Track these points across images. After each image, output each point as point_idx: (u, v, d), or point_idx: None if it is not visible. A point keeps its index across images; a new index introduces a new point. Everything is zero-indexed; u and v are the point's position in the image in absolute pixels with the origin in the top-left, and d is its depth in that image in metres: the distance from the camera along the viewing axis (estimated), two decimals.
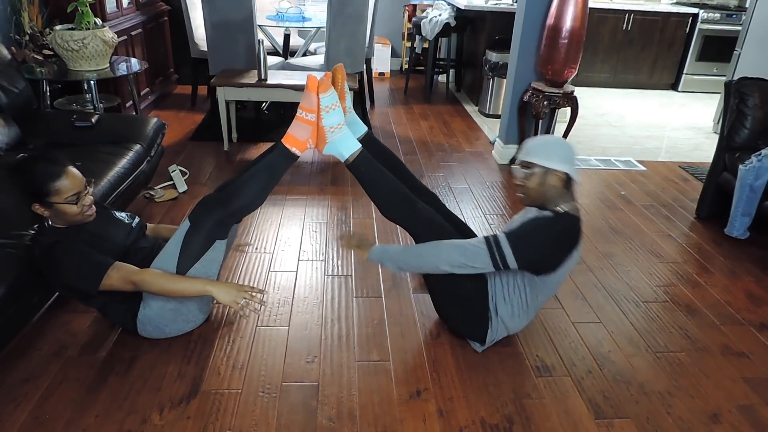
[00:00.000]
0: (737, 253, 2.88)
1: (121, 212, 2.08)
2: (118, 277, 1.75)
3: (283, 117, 4.61)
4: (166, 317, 1.95)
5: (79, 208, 1.79)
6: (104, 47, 3.31)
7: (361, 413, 1.77)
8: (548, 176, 1.79)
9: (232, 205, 1.88)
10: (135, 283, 1.75)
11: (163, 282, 1.78)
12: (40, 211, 1.76)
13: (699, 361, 2.09)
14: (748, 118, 2.95)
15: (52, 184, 1.72)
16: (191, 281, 1.83)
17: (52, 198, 1.73)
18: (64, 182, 1.74)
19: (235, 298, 1.81)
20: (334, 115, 1.90)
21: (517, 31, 3.70)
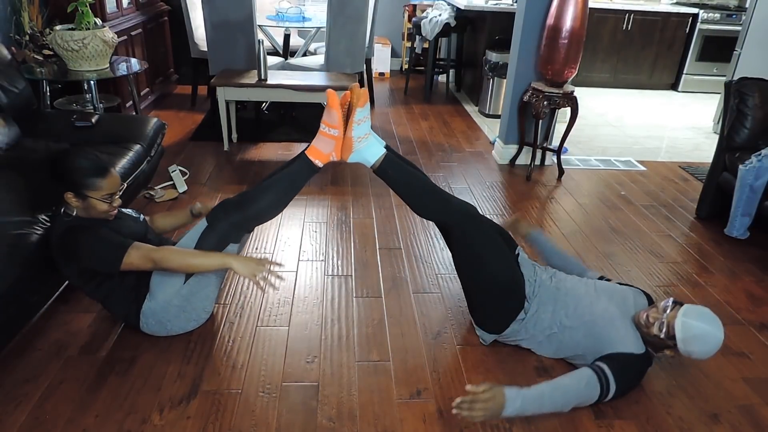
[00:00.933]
0: (737, 253, 2.88)
1: (127, 209, 2.12)
2: (139, 254, 1.78)
3: (283, 117, 4.61)
4: (171, 312, 1.95)
5: (108, 207, 1.84)
6: (104, 47, 3.31)
7: (361, 413, 1.77)
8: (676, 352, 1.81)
9: (249, 210, 1.92)
10: (155, 261, 1.78)
11: (182, 257, 1.81)
12: (72, 200, 1.80)
13: (699, 361, 2.09)
14: (748, 118, 2.95)
15: (96, 180, 1.79)
16: (210, 255, 1.86)
17: (90, 192, 1.79)
18: (106, 181, 1.82)
19: (254, 272, 1.83)
20: (363, 127, 1.94)
21: (517, 31, 3.70)
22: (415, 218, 3.05)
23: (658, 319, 1.79)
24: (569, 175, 3.77)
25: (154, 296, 1.93)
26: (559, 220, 3.16)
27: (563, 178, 3.73)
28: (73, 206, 1.82)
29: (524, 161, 3.89)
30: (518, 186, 3.58)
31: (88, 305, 2.21)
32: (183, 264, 1.82)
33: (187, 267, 1.84)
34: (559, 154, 3.75)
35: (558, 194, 3.50)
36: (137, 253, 1.78)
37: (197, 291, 1.98)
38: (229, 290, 2.35)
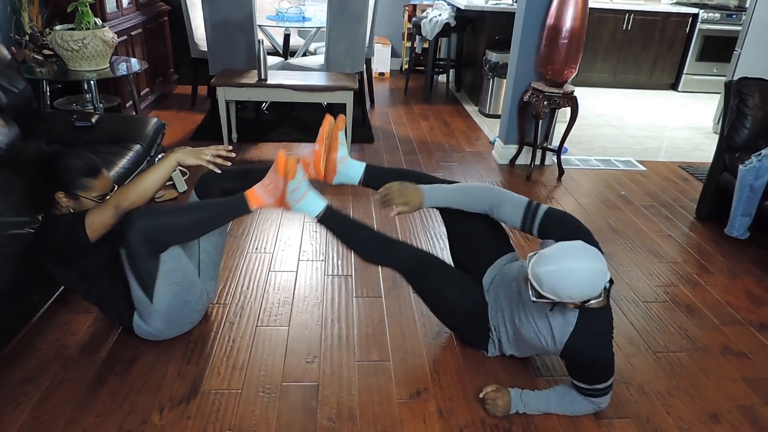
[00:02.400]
0: (737, 253, 2.88)
1: None
2: (97, 212, 1.74)
3: (283, 117, 4.61)
4: (158, 326, 1.94)
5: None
6: (104, 47, 3.31)
7: (361, 413, 1.77)
8: (559, 305, 1.61)
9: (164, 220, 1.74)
10: (114, 206, 1.74)
11: (134, 186, 1.78)
12: (63, 200, 1.79)
13: (699, 361, 2.09)
14: (748, 118, 2.95)
15: (88, 180, 1.80)
16: (157, 167, 1.82)
17: (82, 192, 1.79)
18: (98, 181, 1.82)
19: (198, 155, 1.84)
20: (298, 192, 1.83)
21: (517, 31, 3.70)
22: (415, 218, 3.05)
23: (527, 283, 1.60)
24: (569, 175, 3.77)
25: (137, 309, 1.90)
26: None
27: (563, 178, 3.73)
28: (64, 206, 1.80)
29: (524, 161, 3.89)
30: (518, 186, 3.58)
31: (88, 305, 2.20)
32: (138, 190, 1.77)
33: (144, 190, 1.78)
34: (559, 154, 3.75)
35: (558, 194, 3.50)
36: (94, 212, 1.74)
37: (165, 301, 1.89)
38: (229, 290, 2.35)
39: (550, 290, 1.52)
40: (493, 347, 1.99)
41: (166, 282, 1.83)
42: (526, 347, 1.86)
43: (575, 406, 1.78)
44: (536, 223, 1.80)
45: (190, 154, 1.85)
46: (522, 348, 1.89)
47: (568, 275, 1.49)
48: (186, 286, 1.91)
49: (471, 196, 1.87)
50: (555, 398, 1.79)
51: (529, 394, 1.79)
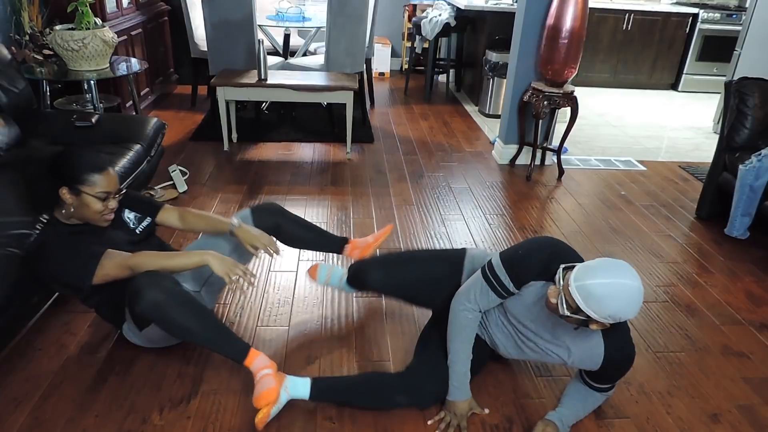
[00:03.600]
0: (737, 253, 2.88)
1: (131, 212, 1.98)
2: (113, 264, 1.69)
3: (283, 117, 4.61)
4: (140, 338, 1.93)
5: (102, 207, 1.76)
6: (104, 47, 3.30)
7: (361, 413, 1.77)
8: (591, 323, 1.48)
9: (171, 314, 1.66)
10: (131, 267, 1.70)
11: (158, 260, 1.73)
12: (66, 196, 1.74)
13: (699, 361, 2.09)
14: (748, 118, 2.95)
15: (92, 175, 1.73)
16: (188, 255, 1.79)
17: (85, 187, 1.73)
18: (102, 177, 1.75)
19: (228, 272, 1.74)
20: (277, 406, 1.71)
21: (517, 31, 3.70)
22: (415, 218, 3.05)
23: (556, 297, 1.49)
24: (569, 175, 3.77)
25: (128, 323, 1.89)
26: (559, 220, 3.16)
27: (563, 178, 3.73)
28: (68, 203, 1.75)
29: (524, 161, 3.89)
30: (518, 186, 3.58)
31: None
32: (160, 267, 1.72)
33: (165, 270, 1.74)
34: (559, 154, 3.75)
35: (558, 194, 3.50)
36: (111, 262, 1.69)
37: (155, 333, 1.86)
38: (229, 290, 2.35)
39: (595, 305, 1.40)
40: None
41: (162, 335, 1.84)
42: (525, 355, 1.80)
43: (597, 403, 1.79)
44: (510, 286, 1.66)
45: (221, 265, 1.74)
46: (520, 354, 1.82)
47: (624, 294, 1.39)
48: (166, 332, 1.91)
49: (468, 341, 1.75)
50: (581, 406, 1.76)
51: (564, 412, 1.72)
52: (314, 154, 3.94)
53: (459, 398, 1.74)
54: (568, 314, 1.46)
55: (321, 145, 4.10)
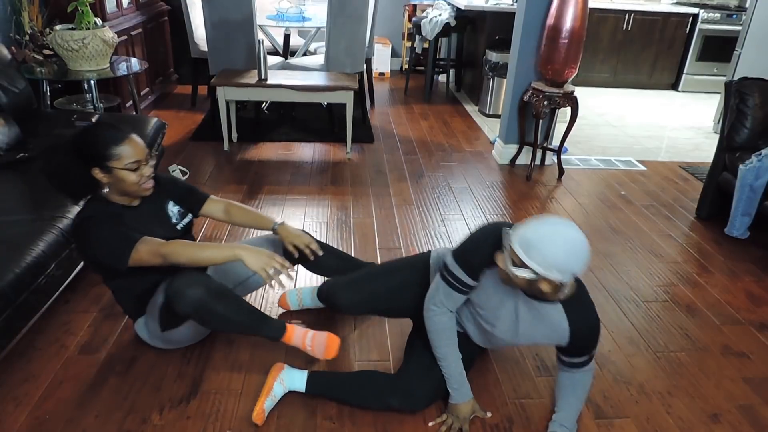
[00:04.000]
0: (737, 253, 2.88)
1: (176, 205, 1.95)
2: (147, 249, 1.67)
3: (283, 117, 4.60)
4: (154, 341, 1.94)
5: (137, 177, 1.72)
6: (104, 47, 3.30)
7: (361, 413, 1.77)
8: (540, 282, 1.43)
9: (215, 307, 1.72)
10: (163, 255, 1.67)
11: (191, 251, 1.70)
12: (99, 176, 1.70)
13: (699, 361, 2.09)
14: (748, 118, 2.95)
15: (115, 148, 1.68)
16: (220, 248, 1.75)
17: (113, 162, 1.68)
18: (126, 147, 1.69)
19: (264, 266, 1.69)
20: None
21: (517, 31, 3.70)
22: (415, 218, 3.05)
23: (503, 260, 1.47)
24: (569, 175, 3.77)
25: (146, 321, 1.90)
26: None
27: (563, 178, 3.73)
28: (104, 183, 1.73)
29: (524, 161, 3.89)
30: (518, 186, 3.58)
31: (88, 305, 2.21)
32: (192, 258, 1.70)
33: (196, 261, 1.71)
34: (559, 153, 3.75)
35: (558, 194, 3.50)
36: (145, 247, 1.67)
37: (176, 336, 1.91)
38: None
39: (538, 255, 1.38)
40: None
41: (188, 325, 1.87)
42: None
43: (585, 386, 1.73)
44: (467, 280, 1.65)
45: (256, 260, 1.69)
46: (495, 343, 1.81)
47: (558, 238, 1.39)
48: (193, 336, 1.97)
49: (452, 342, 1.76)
50: (573, 398, 1.72)
51: (561, 416, 1.72)
52: (314, 154, 3.94)
53: (461, 401, 1.73)
54: (516, 273, 1.43)
55: (321, 145, 4.10)
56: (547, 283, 1.43)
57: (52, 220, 2.05)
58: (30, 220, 2.04)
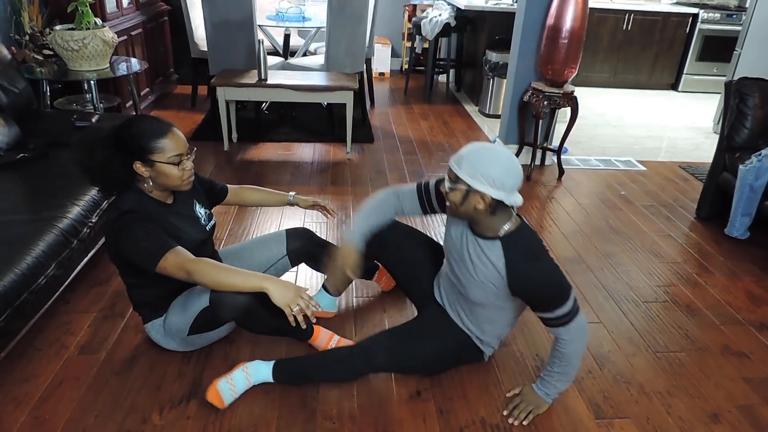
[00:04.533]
0: (737, 253, 2.88)
1: (202, 208, 1.95)
2: (175, 262, 1.63)
3: (283, 117, 4.61)
4: (172, 342, 1.93)
5: (179, 171, 1.70)
6: (104, 47, 3.31)
7: (361, 413, 1.77)
8: (471, 197, 1.54)
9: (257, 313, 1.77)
10: (189, 272, 1.63)
11: (217, 273, 1.65)
12: (141, 170, 1.68)
13: (699, 361, 2.09)
14: (748, 118, 2.95)
15: (158, 141, 1.65)
16: (247, 276, 1.69)
17: (156, 156, 1.65)
18: (170, 140, 1.67)
19: (290, 302, 1.61)
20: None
21: (517, 31, 3.70)
22: (415, 218, 3.05)
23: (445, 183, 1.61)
24: (569, 175, 3.77)
25: (165, 323, 1.88)
26: (559, 220, 3.16)
27: (563, 178, 3.73)
28: (145, 177, 1.70)
29: (524, 161, 3.89)
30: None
31: (88, 305, 2.21)
32: (216, 281, 1.66)
33: (220, 285, 1.67)
34: (559, 154, 3.75)
35: (558, 194, 3.50)
36: (174, 259, 1.63)
37: (200, 340, 1.94)
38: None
39: (468, 166, 1.52)
40: (485, 348, 1.92)
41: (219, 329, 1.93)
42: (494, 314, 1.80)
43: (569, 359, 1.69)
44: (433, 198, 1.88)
45: (282, 296, 1.61)
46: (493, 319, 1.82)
47: (488, 152, 1.55)
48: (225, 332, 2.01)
49: (377, 212, 1.94)
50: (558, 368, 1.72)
51: (541, 380, 1.78)
52: (314, 154, 3.94)
53: (347, 239, 1.88)
54: (449, 189, 1.57)
55: (321, 145, 4.10)
56: (479, 197, 1.53)
57: (52, 220, 2.05)
58: (30, 220, 2.04)
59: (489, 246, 1.63)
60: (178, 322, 1.83)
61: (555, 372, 1.73)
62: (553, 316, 1.61)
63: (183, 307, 1.82)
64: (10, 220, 2.03)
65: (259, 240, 2.22)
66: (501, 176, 1.51)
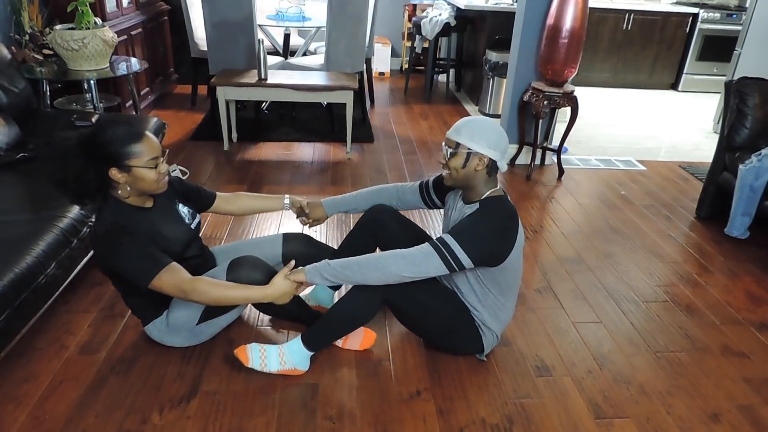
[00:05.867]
0: (737, 253, 2.88)
1: (185, 207, 1.95)
2: (170, 281, 1.65)
3: (283, 117, 4.61)
4: (178, 336, 1.93)
5: (156, 174, 1.69)
6: (104, 47, 3.30)
7: (361, 413, 1.77)
8: (472, 159, 1.74)
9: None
10: (185, 292, 1.65)
11: (216, 291, 1.69)
12: (117, 176, 1.67)
13: (699, 361, 2.09)
14: (748, 118, 2.95)
15: (133, 146, 1.65)
16: (246, 290, 1.74)
17: (132, 161, 1.64)
18: (145, 144, 1.67)
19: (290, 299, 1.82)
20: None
21: (517, 31, 3.70)
22: (415, 218, 3.05)
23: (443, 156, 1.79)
24: (569, 175, 3.77)
25: (170, 318, 1.88)
26: (559, 219, 3.16)
27: (563, 178, 3.73)
28: (122, 183, 1.69)
29: (524, 161, 3.89)
30: (518, 186, 3.58)
31: (88, 305, 2.21)
32: (218, 298, 1.70)
33: (222, 302, 1.72)
34: (559, 153, 3.75)
35: (558, 194, 3.50)
36: (169, 278, 1.65)
37: (209, 329, 1.95)
38: None
39: (468, 131, 1.73)
40: (485, 336, 1.93)
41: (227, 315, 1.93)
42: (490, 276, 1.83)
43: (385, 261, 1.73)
44: (432, 192, 2.06)
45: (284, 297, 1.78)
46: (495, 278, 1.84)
47: (482, 120, 1.78)
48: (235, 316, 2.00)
49: (367, 198, 2.15)
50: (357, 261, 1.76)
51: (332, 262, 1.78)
52: (314, 153, 3.94)
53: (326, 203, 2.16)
54: (452, 152, 1.75)
55: (321, 145, 4.10)
56: (478, 159, 1.73)
57: (52, 220, 2.05)
58: (30, 220, 2.04)
59: (470, 207, 1.82)
60: (186, 314, 1.85)
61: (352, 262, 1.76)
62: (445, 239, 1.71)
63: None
64: (10, 220, 2.04)
65: (254, 241, 2.22)
66: (497, 139, 1.75)
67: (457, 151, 1.75)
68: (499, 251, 1.75)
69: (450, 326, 1.92)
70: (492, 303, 1.89)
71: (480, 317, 1.90)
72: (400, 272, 1.71)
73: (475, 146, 1.72)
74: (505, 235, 1.75)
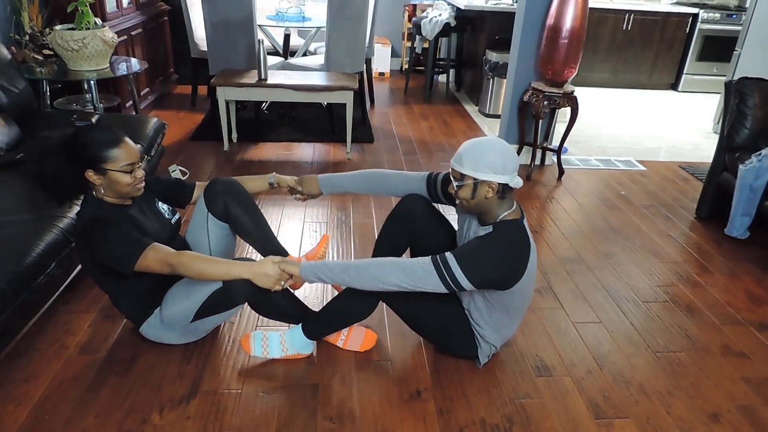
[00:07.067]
0: (737, 253, 2.88)
1: (164, 204, 1.99)
2: (156, 257, 1.67)
3: (283, 117, 4.61)
4: (172, 333, 1.93)
5: (131, 179, 1.74)
6: (104, 47, 3.30)
7: (361, 413, 1.77)
8: (480, 188, 1.65)
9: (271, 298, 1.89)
10: (172, 265, 1.68)
11: (201, 265, 1.72)
12: (93, 178, 1.71)
13: (699, 361, 2.09)
14: (748, 118, 2.95)
15: (111, 151, 1.69)
16: (229, 266, 1.75)
17: (108, 165, 1.70)
18: (122, 150, 1.71)
19: (273, 286, 1.76)
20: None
21: (517, 31, 3.70)
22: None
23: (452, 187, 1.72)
24: (569, 175, 3.77)
25: (163, 315, 1.88)
26: (559, 220, 3.16)
27: (563, 178, 3.73)
28: (97, 185, 1.73)
29: (524, 161, 3.89)
30: None
31: (88, 305, 2.21)
32: (201, 272, 1.72)
33: (205, 275, 1.74)
34: (559, 153, 3.75)
35: (558, 194, 3.50)
36: (155, 255, 1.67)
37: (204, 326, 1.93)
38: None
39: (469, 161, 1.65)
40: (482, 348, 1.92)
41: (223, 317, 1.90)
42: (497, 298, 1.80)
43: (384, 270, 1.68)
44: (439, 189, 2.00)
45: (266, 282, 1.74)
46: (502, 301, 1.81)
47: (484, 143, 1.68)
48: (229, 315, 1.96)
49: (370, 183, 2.08)
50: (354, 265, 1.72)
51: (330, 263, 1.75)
52: (314, 154, 3.94)
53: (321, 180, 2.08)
54: (458, 185, 1.69)
55: (321, 145, 4.10)
56: (486, 186, 1.65)
57: (52, 220, 2.05)
58: (30, 220, 2.04)
59: (483, 229, 1.76)
60: (180, 310, 1.85)
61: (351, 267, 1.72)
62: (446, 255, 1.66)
63: (187, 293, 1.83)
64: (10, 220, 2.03)
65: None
66: (502, 162, 1.64)
67: (463, 182, 1.68)
68: (505, 279, 1.68)
69: (446, 329, 1.92)
70: (496, 320, 1.87)
71: (481, 332, 1.89)
72: (398, 284, 1.67)
73: (481, 175, 1.64)
74: (512, 264, 1.67)
